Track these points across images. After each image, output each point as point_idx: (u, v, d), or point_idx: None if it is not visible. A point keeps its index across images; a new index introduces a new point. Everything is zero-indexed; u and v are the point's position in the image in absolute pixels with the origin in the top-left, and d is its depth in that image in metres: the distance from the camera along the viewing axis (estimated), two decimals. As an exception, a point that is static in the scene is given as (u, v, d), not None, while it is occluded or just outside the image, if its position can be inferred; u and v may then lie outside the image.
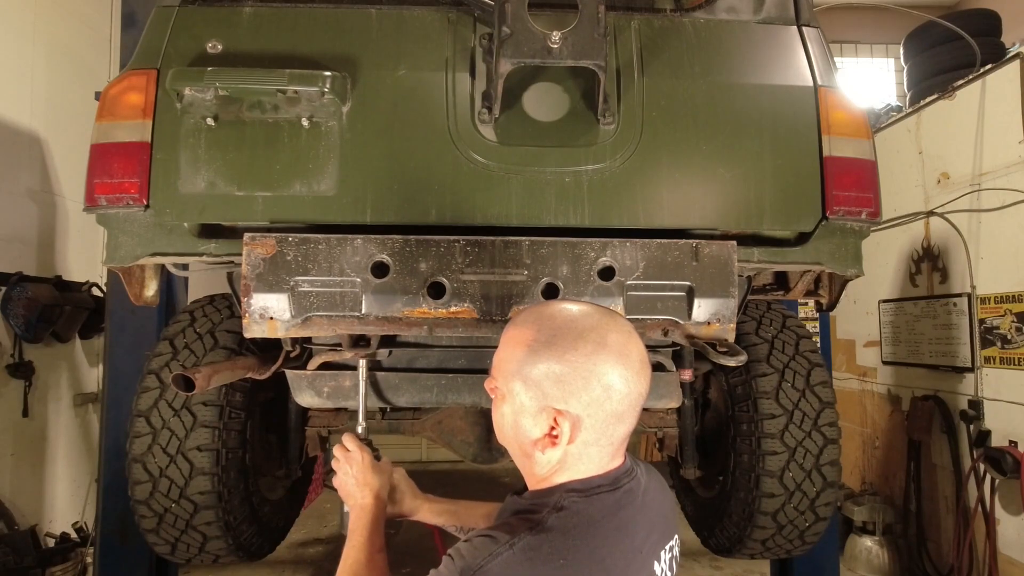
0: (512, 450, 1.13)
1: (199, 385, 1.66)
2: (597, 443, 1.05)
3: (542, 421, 1.04)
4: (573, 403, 1.02)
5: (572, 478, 1.06)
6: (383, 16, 1.84)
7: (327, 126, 1.73)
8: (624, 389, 1.03)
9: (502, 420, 1.10)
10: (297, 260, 1.60)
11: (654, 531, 1.10)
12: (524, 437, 1.07)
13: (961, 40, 4.30)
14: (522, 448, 1.09)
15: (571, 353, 1.02)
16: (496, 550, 0.95)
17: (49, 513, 4.32)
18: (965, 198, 4.14)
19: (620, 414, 1.04)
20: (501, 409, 1.10)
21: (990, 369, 3.94)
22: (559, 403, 1.02)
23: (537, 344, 1.04)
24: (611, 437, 1.05)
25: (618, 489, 1.06)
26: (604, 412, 1.03)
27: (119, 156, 1.71)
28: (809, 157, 1.80)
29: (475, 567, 0.94)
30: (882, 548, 4.52)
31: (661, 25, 1.90)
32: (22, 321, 3.93)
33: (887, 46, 7.91)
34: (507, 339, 1.10)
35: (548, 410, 1.03)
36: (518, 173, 1.74)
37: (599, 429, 1.04)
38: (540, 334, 1.05)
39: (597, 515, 1.02)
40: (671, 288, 1.66)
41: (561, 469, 1.06)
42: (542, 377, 1.03)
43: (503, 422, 1.10)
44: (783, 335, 2.42)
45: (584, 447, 1.05)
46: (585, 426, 1.03)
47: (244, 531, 2.32)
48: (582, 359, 1.01)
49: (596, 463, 1.07)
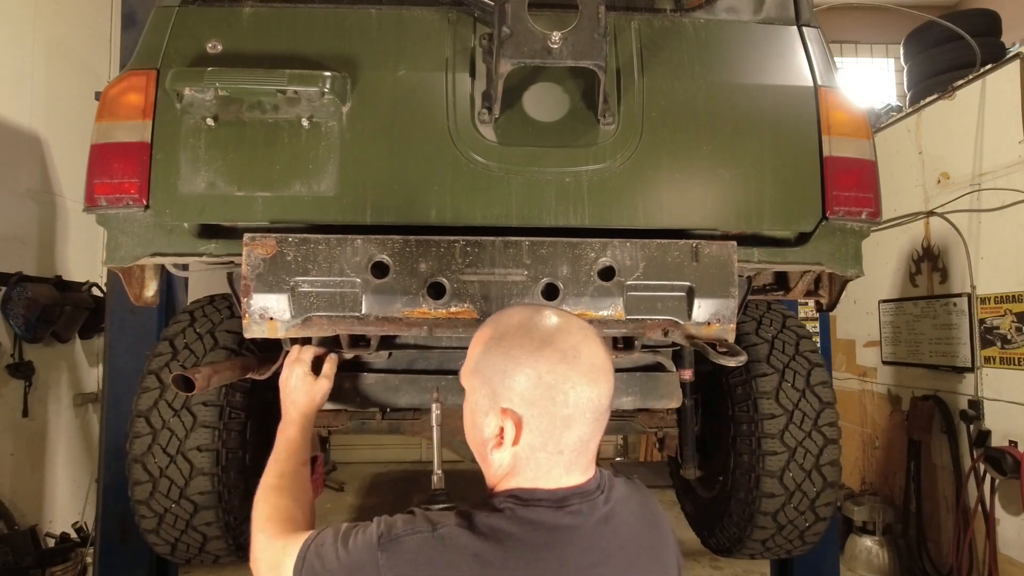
0: (474, 450, 1.13)
1: (199, 385, 1.66)
2: (544, 448, 1.02)
3: (492, 420, 1.04)
4: (516, 401, 1.02)
5: (518, 485, 1.05)
6: (383, 16, 1.84)
7: (327, 126, 1.73)
8: (570, 391, 1.00)
9: (465, 420, 1.12)
10: (297, 260, 1.60)
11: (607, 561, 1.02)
12: (479, 436, 1.08)
13: (961, 40, 4.30)
14: (478, 449, 1.10)
15: (516, 350, 1.02)
16: (419, 527, 1.00)
17: (49, 513, 4.32)
18: (965, 198, 4.14)
19: (567, 418, 1.01)
20: (465, 409, 1.12)
21: (990, 369, 3.94)
22: (504, 401, 1.03)
23: (491, 341, 1.06)
24: (559, 444, 1.02)
25: (562, 509, 1.02)
26: (548, 415, 1.01)
27: (119, 156, 1.71)
28: (809, 157, 1.80)
29: (393, 535, 1.00)
30: (882, 548, 4.52)
31: (661, 25, 1.89)
32: (22, 321, 3.92)
33: (887, 46, 7.92)
34: (472, 339, 1.12)
35: (496, 408, 1.04)
36: (518, 173, 1.74)
37: (545, 432, 1.02)
38: (495, 332, 1.07)
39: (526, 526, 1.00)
40: (671, 288, 1.65)
41: (511, 474, 1.06)
42: (491, 374, 1.04)
43: (465, 422, 1.12)
44: (783, 335, 2.42)
45: (531, 451, 1.03)
46: (529, 427, 1.02)
47: (244, 531, 2.31)
48: (525, 356, 1.02)
49: (546, 473, 1.04)
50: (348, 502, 5.88)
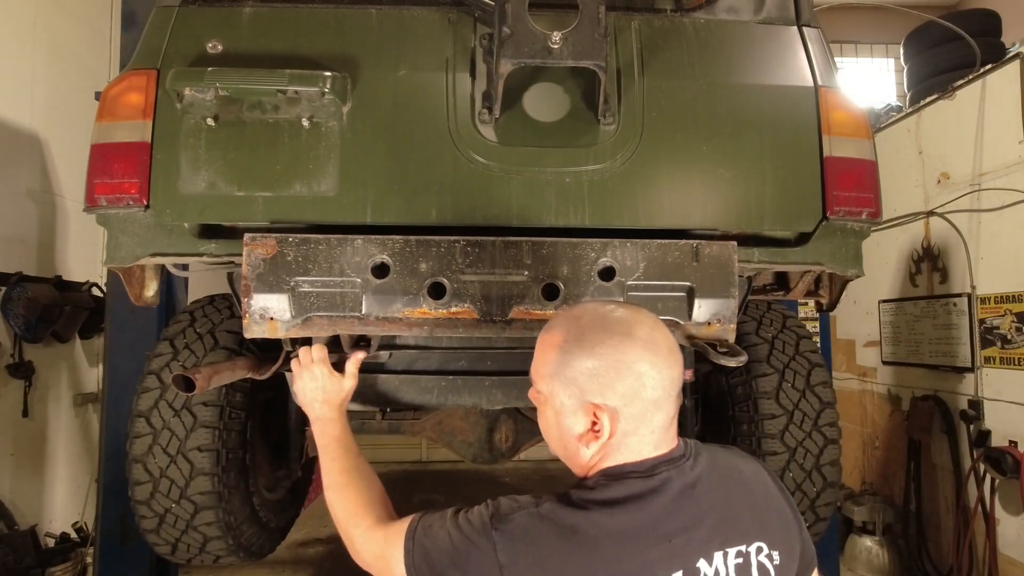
0: (558, 451, 1.18)
1: (199, 385, 1.66)
2: (637, 432, 1.08)
3: (583, 417, 1.08)
4: (609, 395, 1.06)
5: (608, 465, 1.10)
6: (383, 16, 1.84)
7: (327, 126, 1.73)
8: (656, 375, 1.06)
9: (547, 424, 1.16)
10: (297, 260, 1.59)
11: (698, 526, 1.06)
12: (568, 436, 1.11)
13: (961, 40, 4.30)
14: (567, 447, 1.13)
15: (600, 347, 1.06)
16: (523, 505, 1.07)
17: (49, 513, 4.32)
18: (965, 198, 4.13)
19: (656, 401, 1.07)
20: (544, 413, 1.15)
21: (990, 369, 3.94)
22: (596, 397, 1.07)
23: (568, 344, 1.09)
24: (650, 425, 1.08)
25: (653, 476, 1.08)
26: (641, 401, 1.06)
27: (119, 156, 1.71)
28: (809, 157, 1.80)
29: (504, 514, 1.06)
30: (882, 548, 4.51)
31: (661, 25, 1.89)
32: (22, 321, 3.92)
33: (887, 46, 7.91)
34: (540, 345, 1.15)
35: (587, 406, 1.08)
36: (518, 173, 1.74)
37: (637, 417, 1.07)
38: (569, 334, 1.10)
39: (620, 496, 1.05)
40: (671, 288, 1.65)
41: (602, 460, 1.11)
42: (577, 374, 1.07)
43: (547, 425, 1.16)
44: (783, 335, 2.42)
45: (623, 437, 1.08)
46: (623, 416, 1.07)
47: (244, 531, 2.32)
48: (611, 351, 1.06)
49: (636, 452, 1.09)
50: (348, 502, 5.86)
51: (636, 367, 1.05)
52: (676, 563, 1.02)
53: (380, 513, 1.31)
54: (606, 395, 1.06)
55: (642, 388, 1.05)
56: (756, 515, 1.13)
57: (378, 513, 1.31)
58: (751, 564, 1.08)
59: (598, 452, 1.10)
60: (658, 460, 1.09)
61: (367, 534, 1.26)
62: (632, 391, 1.05)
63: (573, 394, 1.08)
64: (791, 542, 1.16)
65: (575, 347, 1.08)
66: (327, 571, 4.33)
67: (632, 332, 1.07)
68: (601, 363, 1.06)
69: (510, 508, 1.07)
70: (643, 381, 1.05)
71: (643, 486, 1.06)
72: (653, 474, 1.08)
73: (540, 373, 1.14)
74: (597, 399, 1.06)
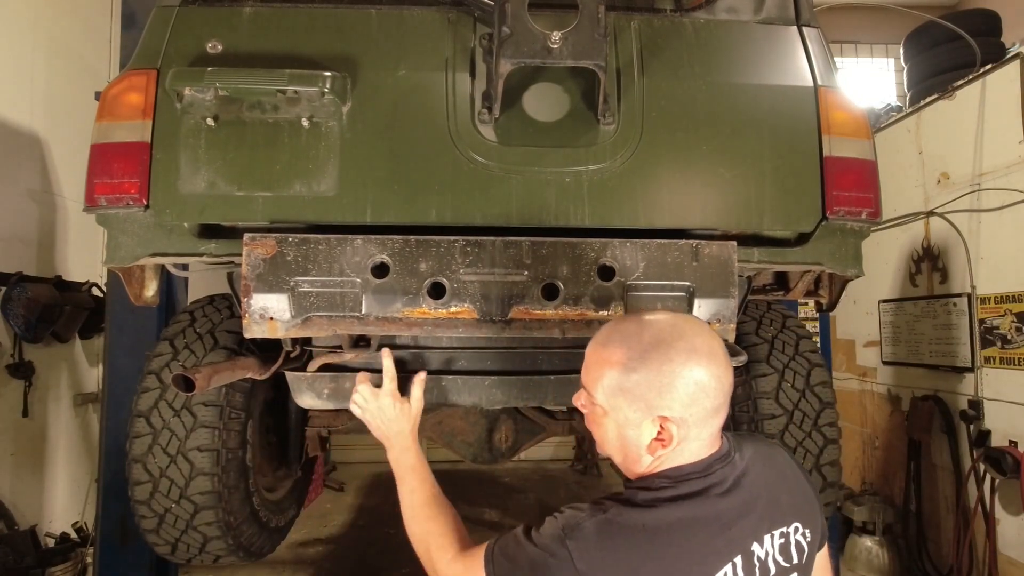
0: (615, 457, 1.22)
1: (199, 385, 1.66)
2: (698, 438, 1.14)
3: (649, 428, 1.13)
4: (676, 407, 1.11)
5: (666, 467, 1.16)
6: (383, 16, 1.84)
7: (327, 126, 1.73)
8: (717, 385, 1.12)
9: (605, 434, 1.20)
10: (297, 260, 1.59)
11: (751, 513, 1.13)
12: (632, 446, 1.16)
13: (961, 40, 4.29)
14: (628, 455, 1.18)
15: (667, 364, 1.11)
16: (591, 513, 1.11)
17: (49, 513, 4.32)
18: (965, 198, 4.13)
19: (716, 408, 1.13)
20: (603, 424, 1.19)
21: (990, 369, 3.94)
22: (664, 411, 1.11)
23: (632, 362, 1.13)
24: (710, 429, 1.15)
25: (709, 475, 1.14)
26: (703, 409, 1.12)
27: (119, 156, 1.71)
28: (809, 157, 1.80)
29: (574, 524, 1.10)
30: (882, 548, 4.51)
31: (661, 25, 1.89)
32: (22, 321, 3.92)
33: (887, 46, 7.90)
34: (598, 361, 1.18)
35: (652, 417, 1.12)
36: (518, 173, 1.74)
37: (699, 423, 1.13)
38: (632, 351, 1.13)
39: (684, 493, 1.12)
40: (671, 288, 1.65)
41: (662, 463, 1.16)
42: (644, 390, 1.12)
43: (607, 436, 1.19)
44: (783, 335, 2.42)
45: (684, 442, 1.14)
46: (687, 424, 1.12)
47: (244, 531, 2.32)
48: (678, 367, 1.10)
49: (693, 454, 1.15)
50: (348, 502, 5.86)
51: (700, 379, 1.10)
52: (736, 549, 1.10)
53: (460, 543, 1.34)
54: (673, 407, 1.11)
55: (705, 398, 1.11)
56: (791, 497, 1.22)
57: (459, 544, 1.34)
58: (791, 543, 1.17)
59: (658, 458, 1.15)
60: (712, 458, 1.16)
61: (451, 566, 1.30)
62: (696, 401, 1.11)
63: (639, 408, 1.12)
64: (817, 520, 1.24)
65: (639, 365, 1.12)
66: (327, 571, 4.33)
67: (694, 346, 1.12)
68: (668, 379, 1.10)
69: (578, 518, 1.11)
70: (706, 392, 1.11)
71: (702, 484, 1.13)
72: (709, 472, 1.14)
73: (601, 387, 1.16)
74: (664, 412, 1.11)
